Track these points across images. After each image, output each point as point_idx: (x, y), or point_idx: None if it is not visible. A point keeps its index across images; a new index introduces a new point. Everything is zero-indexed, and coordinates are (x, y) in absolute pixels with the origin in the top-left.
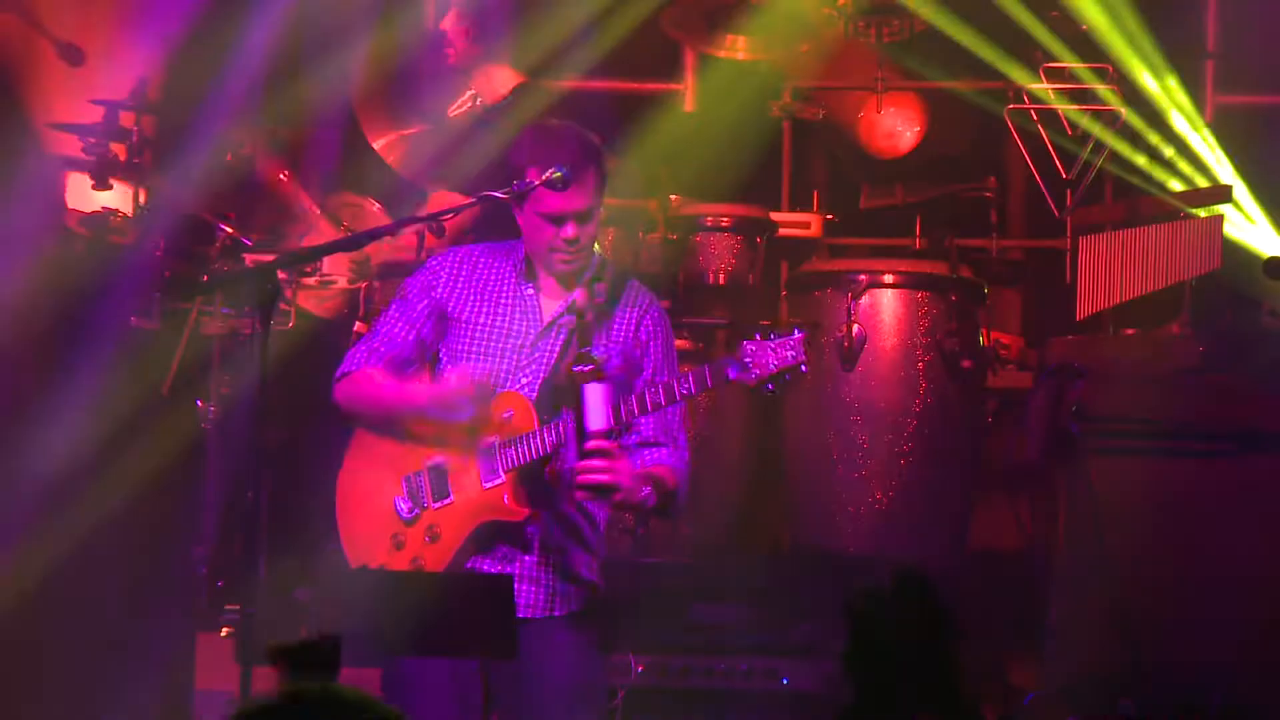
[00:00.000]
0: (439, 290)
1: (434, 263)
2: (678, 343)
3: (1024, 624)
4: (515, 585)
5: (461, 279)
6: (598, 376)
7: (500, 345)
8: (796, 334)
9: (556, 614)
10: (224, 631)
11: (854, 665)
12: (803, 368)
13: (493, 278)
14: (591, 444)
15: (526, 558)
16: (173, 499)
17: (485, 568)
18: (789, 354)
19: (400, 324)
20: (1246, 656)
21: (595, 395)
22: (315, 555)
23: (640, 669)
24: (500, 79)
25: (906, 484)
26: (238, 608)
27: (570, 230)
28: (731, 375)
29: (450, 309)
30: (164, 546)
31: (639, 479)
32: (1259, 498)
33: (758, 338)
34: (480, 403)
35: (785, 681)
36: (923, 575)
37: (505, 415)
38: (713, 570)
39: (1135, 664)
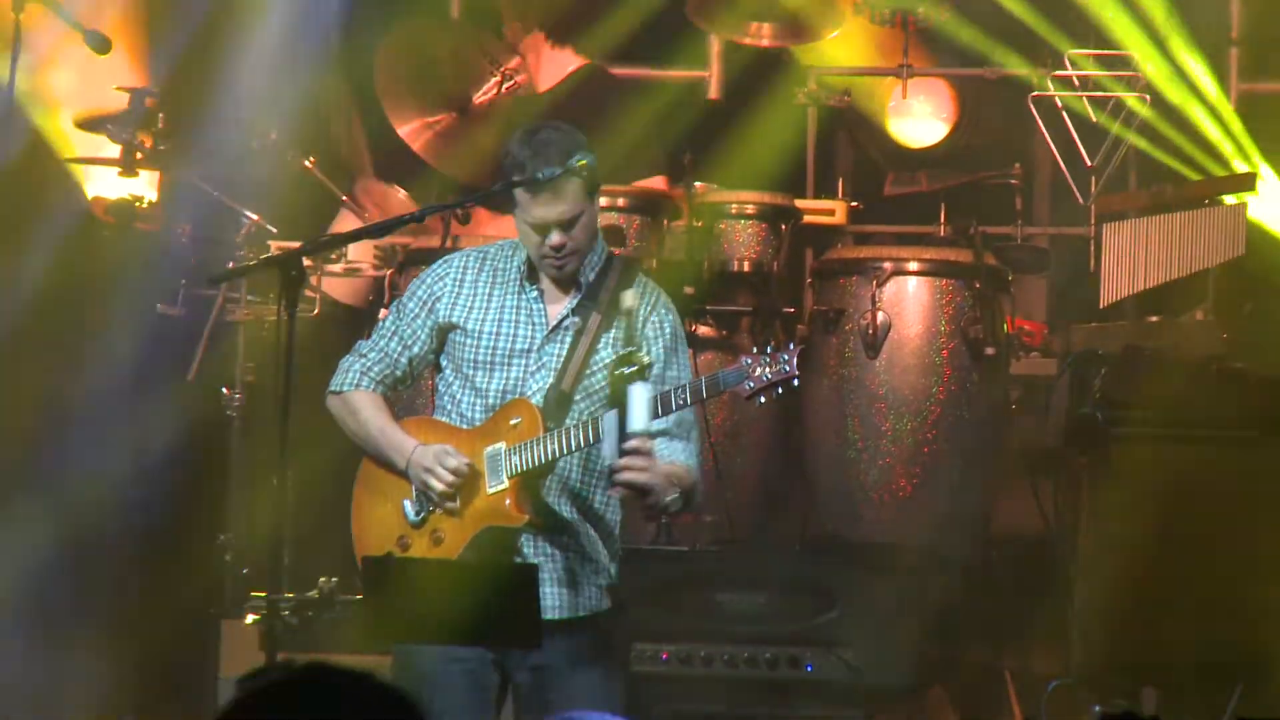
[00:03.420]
0: (441, 303)
1: (436, 272)
2: (702, 330)
3: (1047, 611)
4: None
5: (465, 288)
6: (642, 377)
7: (506, 353)
8: (792, 348)
9: (578, 614)
10: (248, 619)
11: None
12: (794, 381)
13: (496, 283)
14: (632, 443)
15: (541, 562)
16: (197, 486)
17: None
18: (783, 368)
19: (394, 340)
20: (1270, 643)
21: (639, 395)
22: (339, 545)
23: (664, 657)
24: (558, 61)
25: (929, 471)
26: (263, 595)
27: (555, 238)
28: (725, 387)
29: (454, 320)
30: (188, 533)
31: (670, 480)
32: None
33: (755, 351)
34: (459, 483)
35: (809, 669)
36: None
37: (513, 422)
38: (736, 558)
39: (1158, 651)
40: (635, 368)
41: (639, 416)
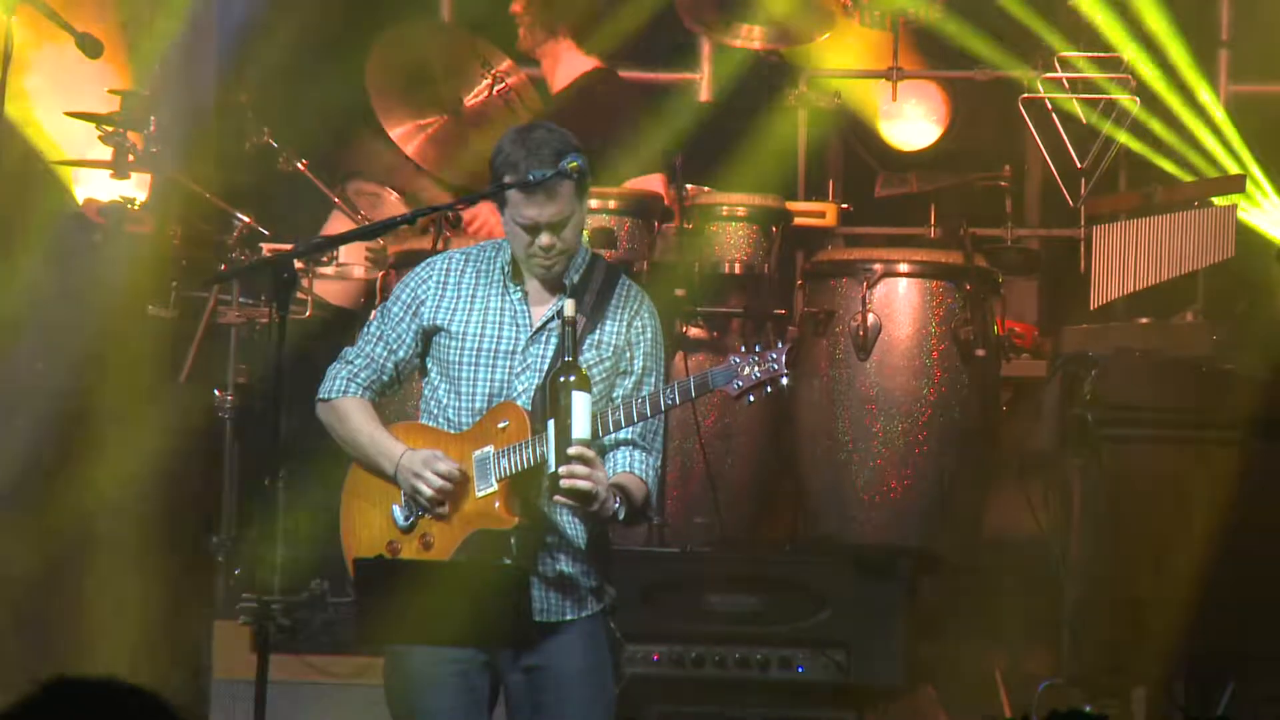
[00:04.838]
0: (426, 306)
1: (420, 275)
2: (693, 331)
3: (1038, 612)
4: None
5: (448, 291)
6: (583, 386)
7: (491, 355)
8: (780, 347)
9: (566, 618)
10: (241, 620)
11: None
12: (783, 380)
13: (479, 284)
14: (575, 450)
15: (532, 564)
16: (190, 488)
17: None
18: (771, 367)
19: (380, 345)
20: (1260, 644)
21: (580, 404)
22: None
23: (655, 658)
24: (571, 63)
25: (921, 473)
26: (255, 596)
27: (545, 239)
28: (714, 386)
29: (438, 322)
30: (181, 535)
31: (613, 490)
32: (1272, 485)
33: (743, 350)
34: (448, 489)
35: (800, 670)
36: None
37: (501, 425)
38: (728, 560)
39: (1149, 652)
40: (575, 376)
41: (581, 425)
